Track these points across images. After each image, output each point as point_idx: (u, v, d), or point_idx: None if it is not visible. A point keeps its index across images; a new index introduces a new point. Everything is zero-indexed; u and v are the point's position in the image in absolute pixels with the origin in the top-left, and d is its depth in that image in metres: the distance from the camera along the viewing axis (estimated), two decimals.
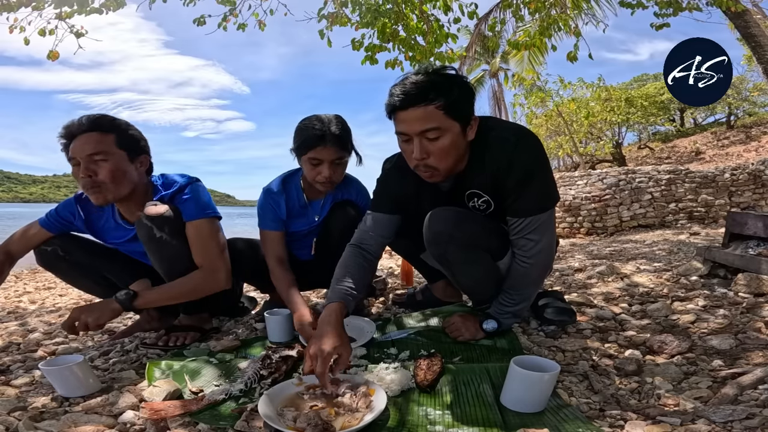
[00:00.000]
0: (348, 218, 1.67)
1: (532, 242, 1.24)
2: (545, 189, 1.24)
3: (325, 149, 1.50)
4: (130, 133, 1.42)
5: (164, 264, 1.46)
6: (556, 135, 13.33)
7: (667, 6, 3.81)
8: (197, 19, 3.80)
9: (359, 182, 1.81)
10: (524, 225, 1.23)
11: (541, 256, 1.26)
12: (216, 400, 1.02)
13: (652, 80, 19.72)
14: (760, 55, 5.44)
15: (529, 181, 1.20)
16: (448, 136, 1.14)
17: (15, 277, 5.01)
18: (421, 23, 3.86)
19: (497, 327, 1.35)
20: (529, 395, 0.95)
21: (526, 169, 1.19)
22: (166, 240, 1.39)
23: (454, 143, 1.15)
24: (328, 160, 1.52)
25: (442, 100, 1.11)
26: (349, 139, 1.59)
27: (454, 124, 1.14)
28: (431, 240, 1.31)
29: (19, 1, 3.23)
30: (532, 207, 1.22)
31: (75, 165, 1.36)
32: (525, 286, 1.34)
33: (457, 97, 1.13)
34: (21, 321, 2.18)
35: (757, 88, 13.94)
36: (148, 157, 1.48)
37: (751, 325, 1.42)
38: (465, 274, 1.40)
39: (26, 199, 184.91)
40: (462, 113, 1.15)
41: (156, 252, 1.43)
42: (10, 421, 0.96)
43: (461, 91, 1.15)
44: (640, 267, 2.46)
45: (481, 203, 1.31)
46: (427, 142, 1.14)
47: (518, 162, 1.18)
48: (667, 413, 0.92)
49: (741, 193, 6.53)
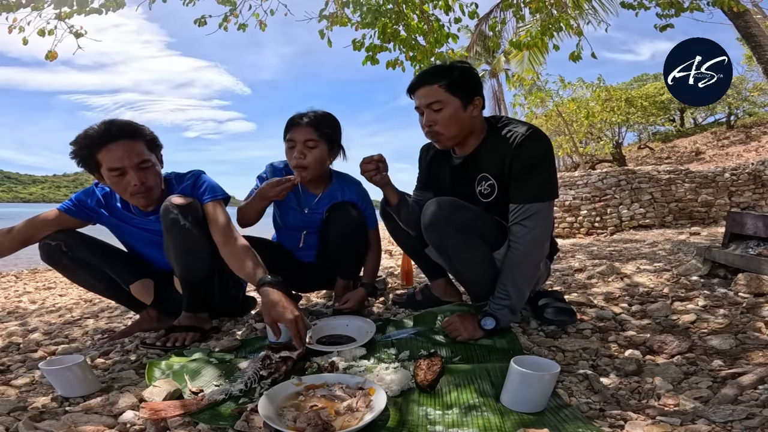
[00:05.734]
0: (348, 220, 1.68)
1: (525, 229, 1.35)
2: (546, 181, 1.38)
3: (297, 130, 1.63)
4: (154, 136, 1.53)
5: (182, 251, 1.49)
6: (556, 135, 13.32)
7: (669, 7, 3.80)
8: (198, 19, 3.80)
9: (360, 185, 1.82)
10: (521, 211, 1.36)
11: (532, 245, 1.35)
12: (216, 400, 1.02)
13: (652, 80, 19.73)
14: (760, 55, 5.44)
15: (533, 171, 1.35)
16: (449, 108, 1.42)
17: (15, 277, 5.01)
18: (422, 23, 3.86)
19: (495, 324, 1.36)
20: (529, 395, 0.95)
21: (531, 159, 1.36)
22: (189, 228, 1.43)
23: (454, 115, 1.42)
24: (300, 140, 1.62)
25: (443, 80, 1.41)
26: (325, 125, 1.66)
27: (455, 99, 1.41)
28: (428, 226, 1.40)
29: (18, 2, 3.22)
30: (530, 195, 1.36)
31: (118, 176, 1.42)
32: (518, 278, 1.36)
33: (457, 79, 1.41)
34: (21, 321, 2.18)
35: (757, 88, 13.94)
36: (160, 153, 1.58)
37: (751, 325, 1.42)
38: (461, 260, 1.44)
39: (26, 199, 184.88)
40: (461, 91, 1.41)
41: (177, 238, 1.46)
42: (10, 421, 0.96)
43: (461, 74, 1.43)
44: (641, 267, 2.46)
45: (486, 186, 1.47)
46: (433, 113, 1.43)
47: (526, 151, 1.36)
48: (667, 413, 0.92)
49: (741, 193, 6.53)
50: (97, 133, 1.41)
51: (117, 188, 1.47)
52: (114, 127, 1.43)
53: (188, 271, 1.53)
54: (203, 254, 1.50)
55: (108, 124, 1.43)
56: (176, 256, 1.50)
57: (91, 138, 1.41)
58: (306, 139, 1.63)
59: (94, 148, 1.41)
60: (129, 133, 1.45)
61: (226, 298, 1.74)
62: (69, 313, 2.36)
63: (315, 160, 1.65)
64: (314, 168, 1.66)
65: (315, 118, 1.65)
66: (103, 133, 1.41)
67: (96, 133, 1.41)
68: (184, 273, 1.53)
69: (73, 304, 2.76)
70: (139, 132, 1.47)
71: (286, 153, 1.69)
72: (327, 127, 1.67)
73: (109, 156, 1.41)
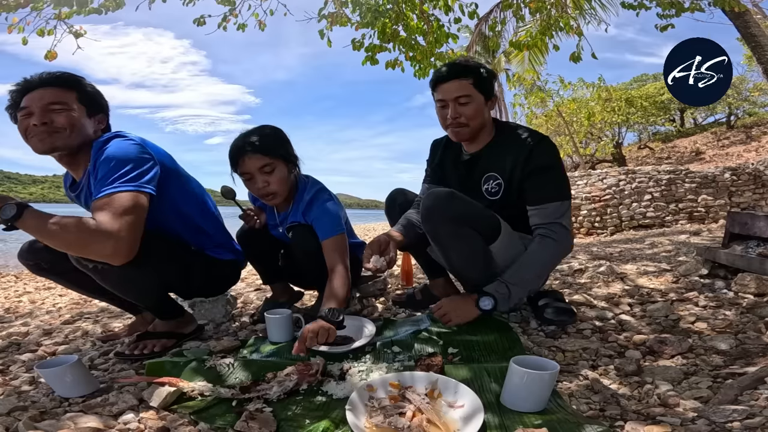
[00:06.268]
0: (305, 249, 1.58)
1: (563, 228, 1.41)
2: (564, 180, 1.46)
3: (248, 161, 1.52)
4: (89, 91, 1.33)
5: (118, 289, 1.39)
6: (556, 135, 13.33)
7: (670, 7, 3.80)
8: (197, 19, 3.80)
9: (323, 202, 1.61)
10: (553, 210, 1.41)
11: (566, 241, 1.42)
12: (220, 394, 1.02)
13: (652, 80, 19.72)
14: (760, 55, 5.43)
15: (551, 171, 1.44)
16: (475, 103, 1.48)
17: (15, 277, 5.01)
18: (422, 23, 3.86)
19: (493, 306, 1.38)
20: (528, 394, 0.95)
21: (549, 160, 1.44)
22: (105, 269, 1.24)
23: (478, 109, 1.49)
24: (255, 169, 1.52)
25: (472, 77, 1.47)
26: (272, 144, 1.54)
27: (480, 95, 1.49)
28: (425, 215, 1.44)
29: (17, 2, 3.22)
30: (556, 194, 1.42)
31: (24, 116, 1.23)
32: (531, 265, 1.40)
33: (483, 77, 1.49)
34: (21, 321, 2.18)
35: (757, 88, 13.94)
36: (105, 117, 1.39)
37: (752, 325, 1.42)
38: (455, 249, 1.46)
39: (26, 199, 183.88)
40: (485, 89, 1.49)
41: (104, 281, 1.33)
42: (10, 421, 0.96)
43: (486, 73, 1.51)
44: (641, 267, 2.46)
45: (494, 185, 1.52)
46: (459, 106, 1.48)
47: (542, 153, 1.44)
48: (667, 413, 0.92)
49: (741, 194, 6.53)
50: (33, 78, 1.26)
51: (21, 129, 1.25)
52: (51, 73, 1.28)
53: (135, 301, 1.50)
54: (140, 284, 1.37)
55: (47, 72, 1.28)
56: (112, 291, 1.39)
57: (26, 82, 1.27)
58: (261, 166, 1.51)
59: (23, 93, 1.26)
60: (65, 81, 1.28)
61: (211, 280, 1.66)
62: (69, 313, 2.36)
63: (279, 182, 1.55)
64: (282, 190, 1.57)
65: (260, 141, 1.52)
66: (38, 79, 1.26)
67: (32, 78, 1.26)
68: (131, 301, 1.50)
69: (73, 304, 2.76)
70: (75, 83, 1.29)
71: (246, 185, 1.60)
72: (275, 145, 1.55)
73: (24, 99, 1.24)
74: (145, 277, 1.35)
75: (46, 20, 3.42)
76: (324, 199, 1.61)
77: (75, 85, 1.30)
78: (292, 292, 1.95)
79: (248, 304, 2.18)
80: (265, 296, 2.06)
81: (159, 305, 1.50)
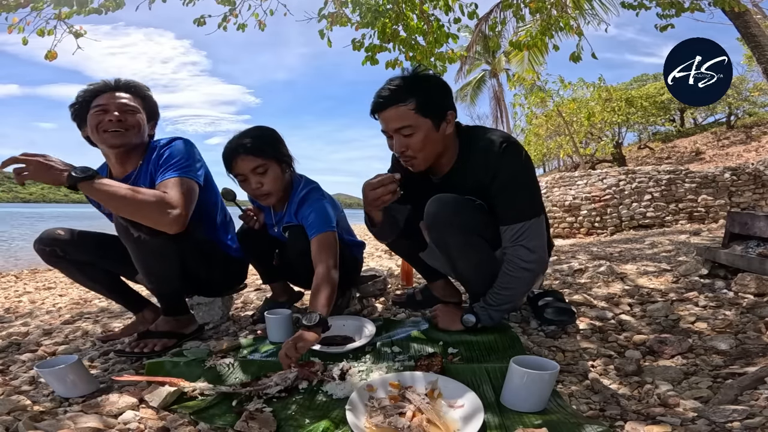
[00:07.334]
0: (299, 249, 1.57)
1: (526, 250, 1.30)
2: (531, 196, 1.34)
3: (240, 162, 1.53)
4: (151, 101, 1.54)
5: (143, 264, 1.45)
6: (557, 135, 13.33)
7: (670, 7, 3.80)
8: (197, 19, 3.80)
9: (313, 201, 1.59)
10: (516, 231, 1.30)
11: (537, 265, 1.33)
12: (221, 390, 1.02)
13: (652, 80, 19.72)
14: (760, 55, 5.43)
15: (516, 189, 1.31)
16: (421, 132, 1.29)
17: (15, 277, 5.01)
18: (422, 23, 3.86)
19: (476, 322, 1.38)
20: (528, 394, 0.95)
21: (511, 176, 1.30)
22: (144, 239, 1.35)
23: (427, 138, 1.30)
24: (248, 171, 1.53)
25: (413, 101, 1.26)
26: (265, 145, 1.54)
27: (426, 121, 1.28)
28: (431, 223, 1.35)
29: (17, 2, 3.22)
30: (519, 214, 1.30)
31: (99, 111, 1.41)
32: (514, 287, 1.35)
33: (429, 97, 1.28)
34: (21, 321, 2.18)
35: (757, 88, 13.94)
36: (155, 124, 1.59)
37: (752, 325, 1.42)
38: (463, 258, 1.42)
39: (26, 199, 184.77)
40: (434, 111, 1.29)
41: (135, 251, 1.40)
42: (10, 421, 0.96)
43: (433, 90, 1.30)
44: (641, 267, 2.46)
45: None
46: (403, 137, 1.30)
47: (505, 168, 1.29)
48: (667, 413, 0.92)
49: (741, 194, 6.53)
50: (100, 83, 1.47)
51: (93, 122, 1.41)
52: (118, 80, 1.48)
53: (156, 284, 1.50)
54: (167, 265, 1.44)
55: (119, 79, 1.49)
56: (139, 268, 1.45)
57: (104, 84, 1.46)
58: (254, 167, 1.52)
59: (97, 93, 1.44)
60: (128, 88, 1.48)
61: (228, 276, 1.74)
62: (69, 313, 2.36)
63: (272, 182, 1.55)
64: (276, 190, 1.57)
65: (252, 143, 1.52)
66: (105, 83, 1.46)
67: (99, 84, 1.47)
68: (150, 285, 1.51)
69: (73, 304, 2.76)
70: (138, 90, 1.49)
71: (240, 186, 1.60)
72: (267, 146, 1.55)
73: (99, 98, 1.43)
74: (176, 255, 1.45)
75: (46, 20, 3.42)
76: (314, 198, 1.60)
77: (142, 94, 1.51)
78: (292, 292, 1.95)
79: (248, 304, 2.19)
80: (265, 296, 2.07)
81: (173, 294, 1.54)
